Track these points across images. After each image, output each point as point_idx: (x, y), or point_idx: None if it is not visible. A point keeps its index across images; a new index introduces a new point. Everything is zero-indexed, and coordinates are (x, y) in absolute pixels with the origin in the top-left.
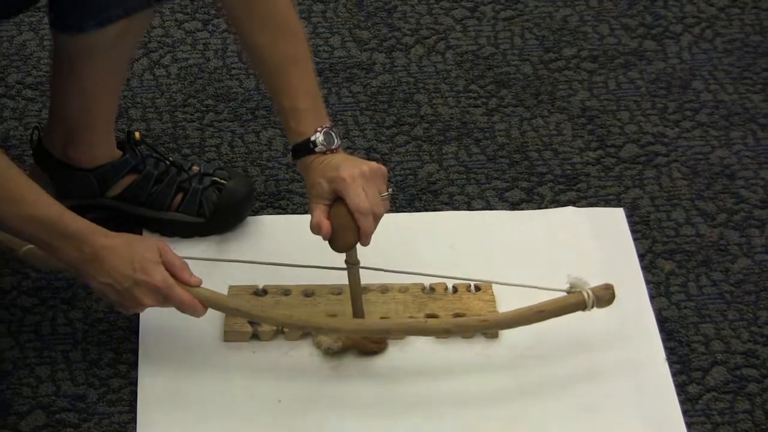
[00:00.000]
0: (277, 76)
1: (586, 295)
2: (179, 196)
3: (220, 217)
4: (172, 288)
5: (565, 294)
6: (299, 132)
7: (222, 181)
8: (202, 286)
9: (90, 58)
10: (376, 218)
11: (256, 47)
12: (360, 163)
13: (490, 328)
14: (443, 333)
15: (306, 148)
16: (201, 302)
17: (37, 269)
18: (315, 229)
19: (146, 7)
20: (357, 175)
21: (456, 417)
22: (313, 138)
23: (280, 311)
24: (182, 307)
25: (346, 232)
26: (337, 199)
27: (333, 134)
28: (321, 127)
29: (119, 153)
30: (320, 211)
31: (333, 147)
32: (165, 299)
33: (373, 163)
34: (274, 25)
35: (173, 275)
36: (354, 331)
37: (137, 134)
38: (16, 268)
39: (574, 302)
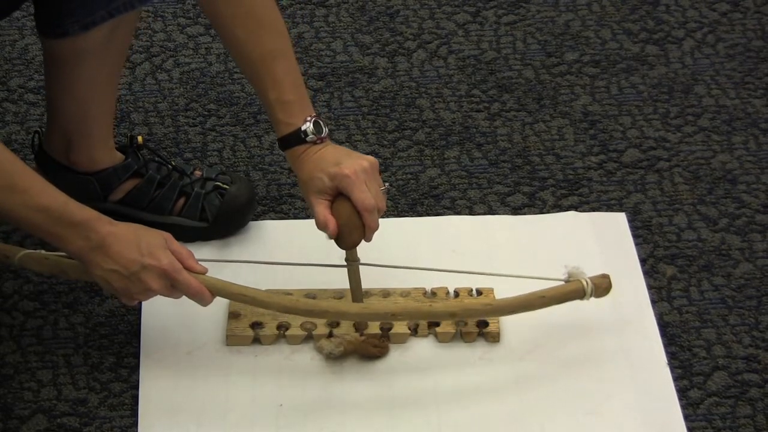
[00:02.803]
0: (262, 69)
1: (584, 283)
2: (181, 201)
3: (223, 221)
4: (180, 272)
5: (563, 283)
6: (288, 123)
7: (224, 185)
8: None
9: (80, 61)
10: (380, 213)
11: (238, 42)
12: (357, 157)
13: (494, 312)
14: (448, 317)
15: (296, 138)
16: (208, 289)
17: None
18: (321, 226)
19: (130, 8)
20: (360, 171)
21: (457, 421)
22: (303, 128)
23: (285, 296)
24: (190, 292)
25: (353, 230)
26: (339, 195)
27: (321, 123)
28: (309, 116)
29: (121, 157)
30: (324, 207)
31: (322, 136)
32: (173, 284)
33: (369, 157)
34: (256, 20)
35: (180, 262)
36: (359, 315)
37: (140, 138)
38: (17, 272)
39: (573, 289)
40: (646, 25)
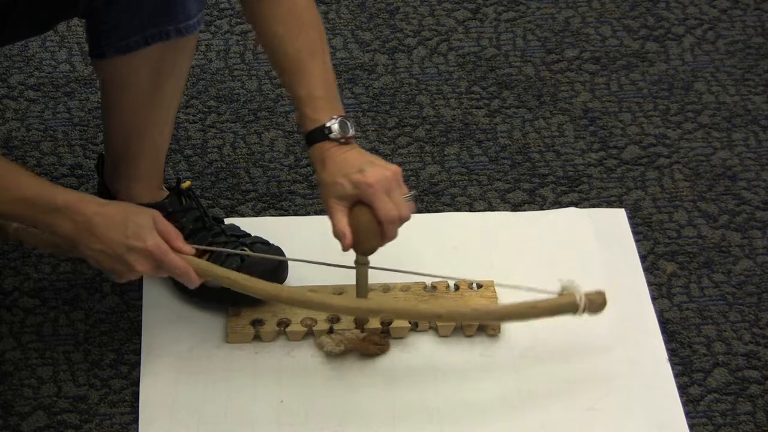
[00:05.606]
0: (295, 66)
1: (578, 298)
2: (205, 256)
3: (229, 290)
4: (166, 253)
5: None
6: (314, 119)
7: (249, 253)
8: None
9: (123, 89)
10: (402, 222)
11: (277, 39)
12: (381, 166)
13: (481, 318)
14: (435, 318)
15: (320, 134)
16: (194, 270)
17: (39, 270)
18: (338, 236)
19: (165, 38)
20: (383, 181)
21: (457, 418)
22: (328, 124)
23: (268, 283)
24: (176, 273)
25: (371, 238)
26: (359, 202)
27: (348, 124)
28: (336, 115)
29: (164, 196)
30: (342, 215)
31: (348, 135)
32: (159, 265)
33: (393, 166)
34: (296, 18)
35: (167, 243)
36: (345, 309)
37: (186, 183)
38: (17, 268)
39: (566, 303)
40: (646, 21)
